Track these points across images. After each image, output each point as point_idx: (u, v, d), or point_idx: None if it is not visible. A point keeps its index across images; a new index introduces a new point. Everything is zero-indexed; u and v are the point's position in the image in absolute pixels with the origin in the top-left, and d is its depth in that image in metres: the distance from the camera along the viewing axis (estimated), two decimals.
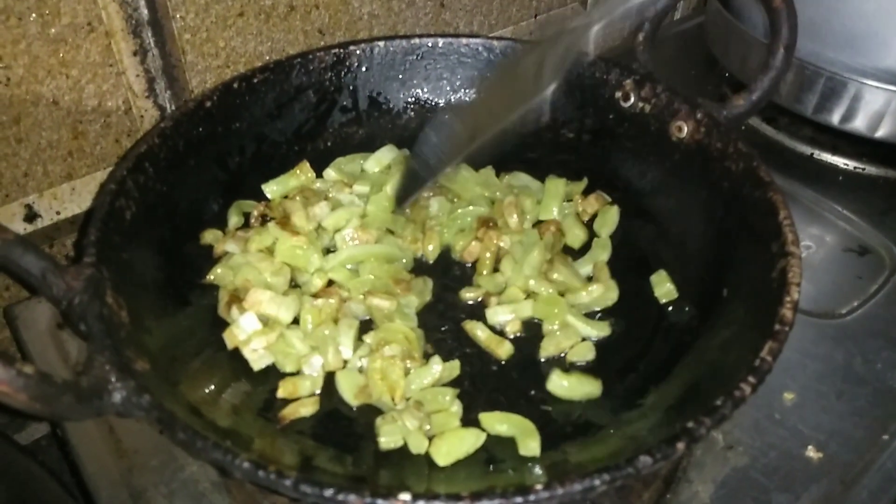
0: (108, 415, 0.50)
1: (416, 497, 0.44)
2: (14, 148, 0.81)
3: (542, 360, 0.70)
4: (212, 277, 0.73)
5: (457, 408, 0.64)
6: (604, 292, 0.74)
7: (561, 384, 0.66)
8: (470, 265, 0.79)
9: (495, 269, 0.78)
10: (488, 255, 0.77)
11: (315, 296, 0.72)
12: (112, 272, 0.61)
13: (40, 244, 0.89)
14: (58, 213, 0.89)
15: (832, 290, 0.86)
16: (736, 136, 0.72)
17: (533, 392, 0.67)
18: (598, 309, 0.74)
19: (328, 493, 0.44)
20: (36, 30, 0.76)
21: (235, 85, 0.80)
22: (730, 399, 0.50)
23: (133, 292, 0.63)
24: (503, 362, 0.70)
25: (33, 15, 0.76)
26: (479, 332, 0.71)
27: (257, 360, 0.67)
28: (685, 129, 0.77)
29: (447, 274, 0.79)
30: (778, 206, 0.64)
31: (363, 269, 0.75)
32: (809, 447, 0.70)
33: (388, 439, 0.61)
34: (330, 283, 0.75)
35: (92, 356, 0.52)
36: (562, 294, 0.74)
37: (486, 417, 0.63)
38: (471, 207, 0.81)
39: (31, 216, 0.88)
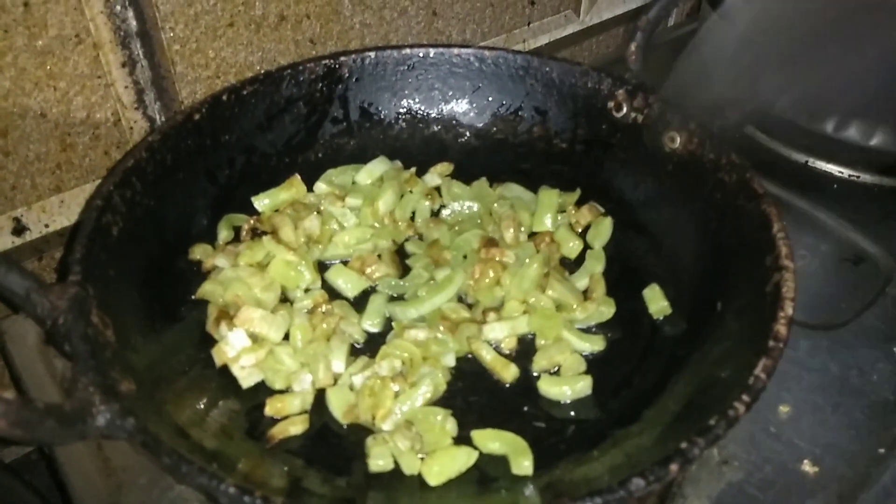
0: (92, 438, 0.49)
1: None
2: (1, 161, 0.81)
3: (536, 374, 0.69)
4: (201, 293, 0.72)
5: (451, 426, 0.63)
6: (600, 308, 0.73)
7: (551, 385, 0.66)
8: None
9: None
10: (491, 272, 0.75)
11: (310, 312, 0.72)
12: (98, 289, 0.60)
13: (29, 258, 0.88)
14: (46, 226, 0.88)
15: (827, 300, 0.85)
16: (729, 147, 0.72)
17: (526, 408, 0.66)
18: (593, 323, 0.73)
19: None
20: (22, 42, 0.76)
21: (224, 97, 0.79)
22: (723, 419, 0.49)
23: (119, 310, 0.62)
24: (494, 378, 0.69)
25: (20, 27, 0.75)
26: (484, 353, 0.70)
27: (246, 377, 0.66)
28: (678, 140, 0.76)
29: None
30: (772, 218, 0.64)
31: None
32: (805, 461, 0.69)
33: (377, 461, 0.60)
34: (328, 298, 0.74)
35: (76, 378, 0.51)
36: (558, 307, 0.73)
37: (478, 435, 0.62)
38: (467, 234, 0.80)
39: (19, 229, 0.87)
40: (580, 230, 0.82)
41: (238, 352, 0.66)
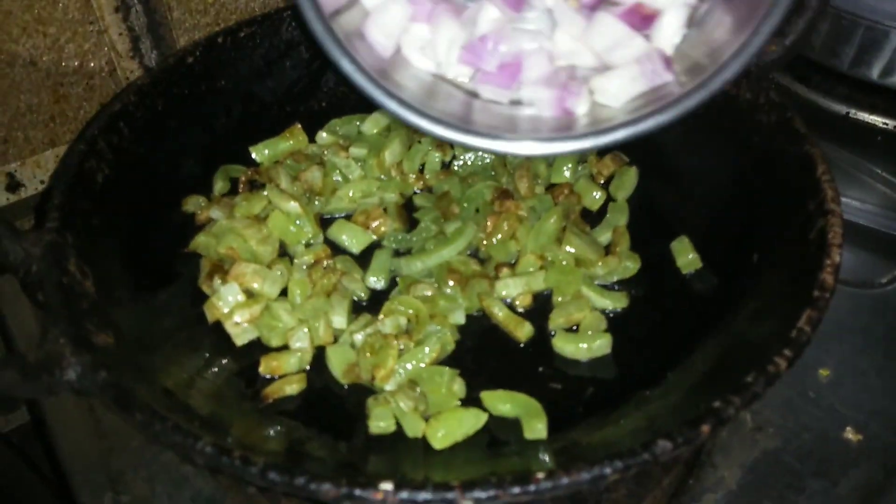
0: (61, 392, 0.45)
1: (398, 487, 0.39)
2: None
3: (552, 333, 0.64)
4: (194, 246, 0.68)
5: (458, 386, 0.59)
6: (624, 264, 0.68)
7: (566, 342, 0.62)
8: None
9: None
10: (506, 226, 0.71)
11: (311, 267, 0.67)
12: (79, 239, 0.56)
13: (25, 216, 0.85)
14: (42, 182, 0.85)
15: (870, 257, 0.79)
16: (767, 85, 0.66)
17: (541, 369, 0.62)
18: (615, 279, 0.68)
19: (299, 481, 0.39)
20: None
21: (220, 39, 0.75)
22: (762, 375, 0.44)
23: (103, 261, 0.58)
24: (507, 337, 0.64)
25: None
26: (497, 310, 0.65)
27: (240, 334, 0.63)
28: None
29: None
30: (815, 160, 0.58)
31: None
32: (847, 428, 0.64)
33: (378, 423, 0.56)
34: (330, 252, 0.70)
35: (47, 328, 0.47)
36: (578, 262, 0.68)
37: (488, 396, 0.58)
38: (479, 185, 0.75)
39: (13, 185, 0.84)
40: (602, 181, 0.77)
41: (231, 307, 0.62)
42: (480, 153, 0.78)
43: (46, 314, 0.48)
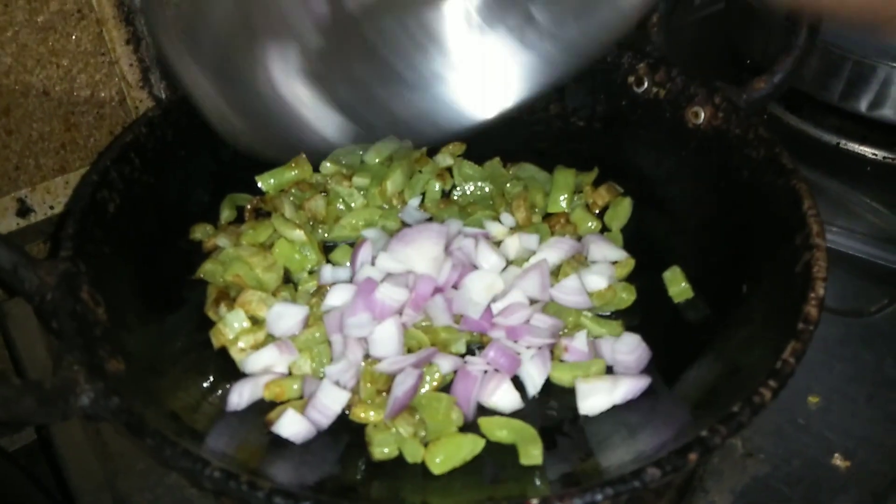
0: (75, 417, 0.47)
1: None
2: (4, 140, 0.79)
3: None
4: (201, 273, 0.70)
5: (456, 413, 0.60)
6: (620, 295, 0.69)
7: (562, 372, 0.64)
8: None
9: None
10: None
11: (315, 294, 0.69)
12: (91, 267, 0.58)
13: (34, 240, 0.87)
14: (51, 207, 0.86)
15: (860, 286, 0.81)
16: (756, 121, 0.68)
17: (538, 396, 0.63)
18: (611, 310, 0.70)
19: None
20: (23, 17, 0.74)
21: None
22: (748, 405, 0.46)
23: (114, 288, 0.60)
24: None
25: (20, 1, 0.73)
26: None
27: (245, 359, 0.64)
28: (702, 115, 0.72)
29: None
30: (802, 195, 0.60)
31: None
32: (836, 455, 0.66)
33: (382, 449, 0.57)
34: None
35: (61, 355, 0.49)
36: None
37: (485, 422, 0.59)
38: (478, 215, 0.77)
39: (23, 211, 0.85)
40: (598, 211, 0.79)
41: (236, 333, 0.64)
42: (480, 185, 0.80)
43: (61, 341, 0.50)
